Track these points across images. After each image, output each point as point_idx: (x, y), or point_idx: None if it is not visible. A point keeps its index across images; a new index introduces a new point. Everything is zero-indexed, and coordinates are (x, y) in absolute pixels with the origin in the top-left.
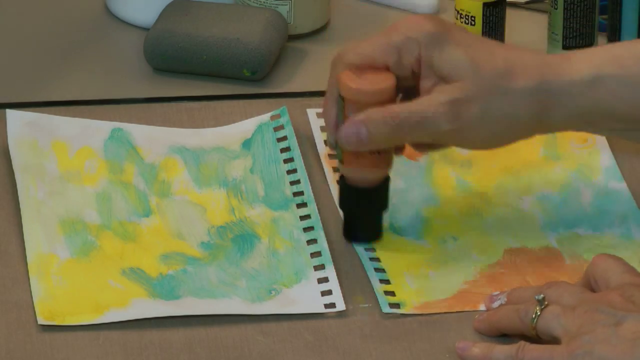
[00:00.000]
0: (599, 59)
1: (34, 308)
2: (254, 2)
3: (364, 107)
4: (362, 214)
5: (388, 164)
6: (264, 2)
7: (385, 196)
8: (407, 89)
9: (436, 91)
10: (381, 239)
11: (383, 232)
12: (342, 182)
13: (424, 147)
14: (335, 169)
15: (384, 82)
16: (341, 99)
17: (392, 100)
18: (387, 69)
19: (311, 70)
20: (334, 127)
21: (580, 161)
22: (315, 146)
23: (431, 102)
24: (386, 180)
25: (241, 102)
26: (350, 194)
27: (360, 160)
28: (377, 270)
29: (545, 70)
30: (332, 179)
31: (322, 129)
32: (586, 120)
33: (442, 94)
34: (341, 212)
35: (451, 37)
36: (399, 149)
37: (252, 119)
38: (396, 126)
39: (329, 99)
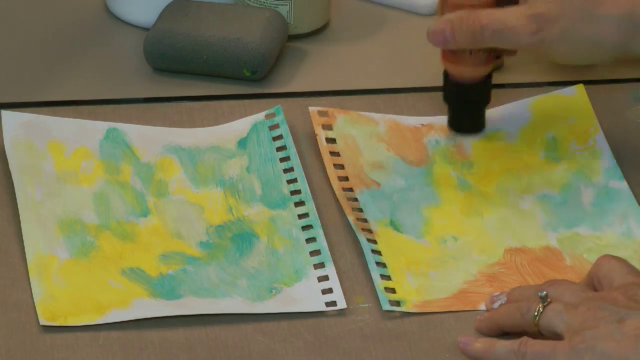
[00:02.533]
0: None
1: (34, 308)
2: (254, 2)
3: (458, 7)
4: (462, 107)
5: (486, 63)
6: (264, 2)
7: (485, 92)
8: None
9: (527, 4)
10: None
11: (485, 126)
12: (445, 76)
13: (509, 52)
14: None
15: None
16: None
17: (488, 5)
18: None
19: (311, 70)
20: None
21: (581, 162)
22: (313, 145)
23: (516, 12)
24: (487, 77)
25: (241, 102)
26: (451, 88)
27: (457, 58)
28: (378, 264)
29: (638, 1)
30: (332, 178)
31: (324, 127)
32: None
33: (529, 8)
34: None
35: None
36: (510, 51)
37: (247, 118)
38: (478, 31)
39: None
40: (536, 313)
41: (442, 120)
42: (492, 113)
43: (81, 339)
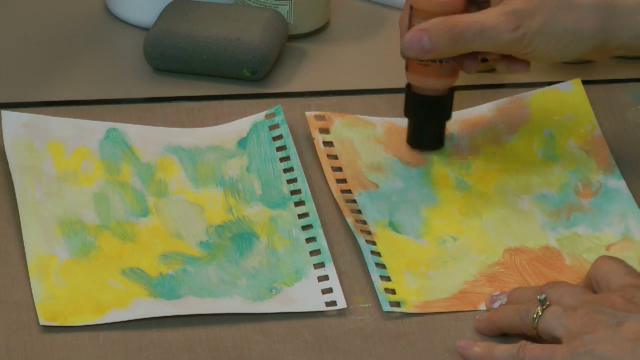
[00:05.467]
0: None
1: (34, 308)
2: (254, 2)
3: (430, 16)
4: (424, 122)
5: (452, 75)
6: (264, 2)
7: (448, 107)
8: (480, 1)
9: (502, 3)
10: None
11: (445, 142)
12: (408, 89)
13: (484, 61)
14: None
15: None
16: (410, 8)
17: (459, 12)
18: None
19: (311, 70)
20: (404, 34)
21: (579, 161)
22: (313, 145)
23: (493, 12)
24: (450, 90)
25: (241, 102)
26: (414, 102)
27: (423, 69)
28: (377, 265)
29: None
30: (331, 180)
31: (321, 130)
32: None
33: (505, 5)
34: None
35: None
36: (474, 63)
37: (247, 117)
38: (457, 35)
39: (406, 8)
40: (535, 316)
41: None
42: (492, 107)
43: (81, 339)
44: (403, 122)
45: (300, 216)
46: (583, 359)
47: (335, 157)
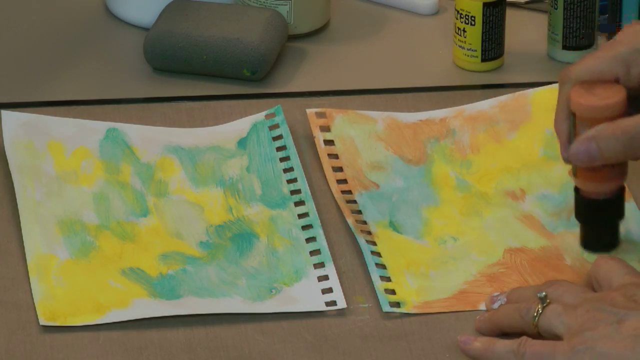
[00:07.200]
0: None
1: (34, 308)
2: (254, 2)
3: (594, 122)
4: (597, 224)
5: (622, 174)
6: (264, 2)
7: (620, 206)
8: (637, 99)
9: None
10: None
11: (620, 241)
12: (577, 194)
13: None
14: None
15: (614, 96)
16: (572, 115)
17: (622, 113)
18: (616, 81)
19: (311, 70)
20: (566, 142)
21: None
22: (313, 145)
23: None
24: (620, 190)
25: (241, 102)
26: (585, 206)
27: (593, 174)
28: (377, 265)
29: None
30: (331, 181)
31: (322, 129)
32: None
33: None
34: (577, 223)
35: None
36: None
37: (247, 117)
38: (627, 141)
39: (560, 114)
40: (535, 314)
41: (440, 114)
42: (494, 103)
43: (81, 339)
44: (404, 117)
45: (300, 216)
46: (584, 355)
47: (336, 156)
